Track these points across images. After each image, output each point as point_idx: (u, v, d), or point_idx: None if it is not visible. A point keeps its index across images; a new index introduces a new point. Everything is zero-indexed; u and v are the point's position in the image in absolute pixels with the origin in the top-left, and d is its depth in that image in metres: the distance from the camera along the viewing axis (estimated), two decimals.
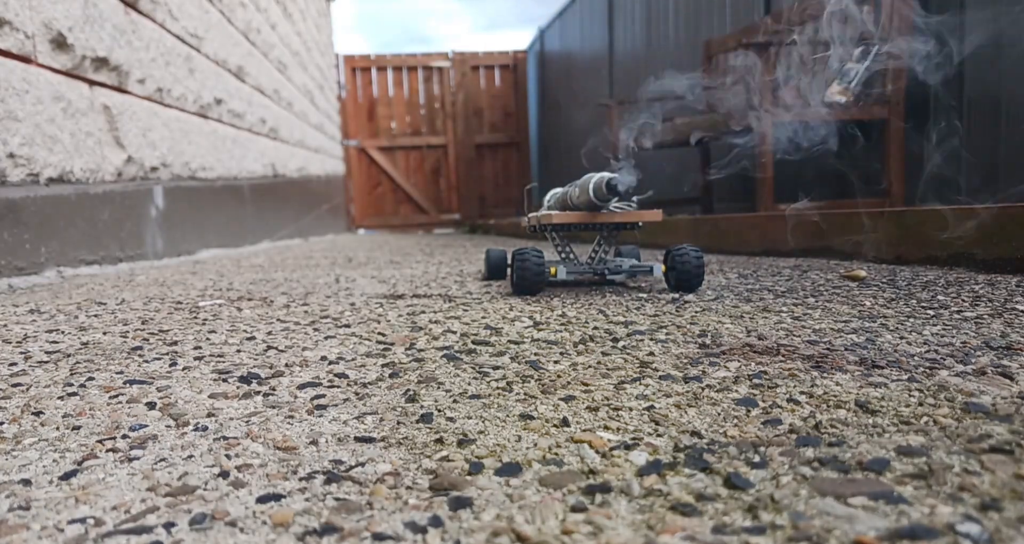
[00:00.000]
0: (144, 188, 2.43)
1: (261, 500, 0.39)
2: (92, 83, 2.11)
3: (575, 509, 0.37)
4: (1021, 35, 2.21)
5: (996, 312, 0.91)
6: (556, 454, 0.45)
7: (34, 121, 1.80)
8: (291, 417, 0.55)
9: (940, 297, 1.07)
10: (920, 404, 0.52)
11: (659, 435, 0.48)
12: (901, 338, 0.77)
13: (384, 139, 8.05)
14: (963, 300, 1.03)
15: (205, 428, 0.53)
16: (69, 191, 1.95)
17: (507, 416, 0.53)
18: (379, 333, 0.92)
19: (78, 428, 0.54)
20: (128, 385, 0.67)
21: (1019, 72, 2.26)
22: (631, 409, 0.54)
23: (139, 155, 2.40)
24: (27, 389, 0.66)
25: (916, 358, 0.67)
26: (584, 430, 0.49)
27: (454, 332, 0.91)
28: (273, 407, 0.58)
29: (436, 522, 0.36)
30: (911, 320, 0.88)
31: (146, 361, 0.78)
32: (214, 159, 3.18)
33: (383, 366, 0.72)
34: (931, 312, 0.94)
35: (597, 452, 0.45)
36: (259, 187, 3.90)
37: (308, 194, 5.38)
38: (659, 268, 1.31)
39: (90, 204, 2.06)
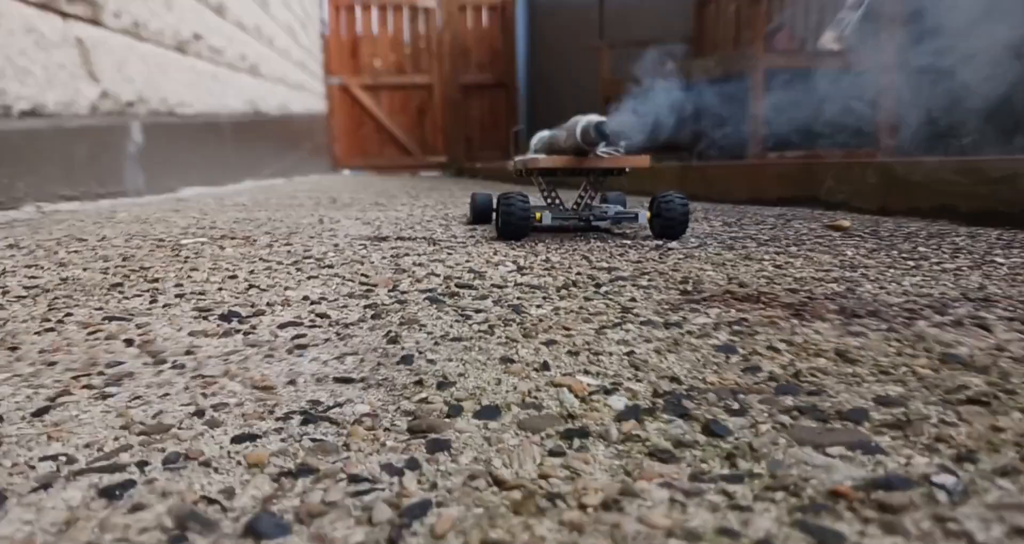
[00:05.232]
0: (121, 123, 2.37)
1: (236, 440, 0.39)
2: (65, 15, 2.04)
3: (553, 453, 0.37)
4: None
5: (975, 264, 0.92)
6: (535, 398, 0.45)
7: (5, 53, 1.74)
8: (270, 356, 0.55)
9: (921, 248, 1.07)
10: (899, 354, 0.53)
11: (638, 380, 0.48)
12: (881, 288, 0.77)
13: (368, 77, 7.87)
14: (943, 252, 1.03)
15: (183, 366, 0.52)
16: (43, 125, 1.90)
17: (488, 359, 0.53)
18: (362, 274, 0.91)
19: (53, 364, 0.53)
20: (107, 321, 0.66)
21: None
22: (611, 354, 0.54)
23: (114, 89, 2.33)
24: (3, 324, 0.65)
25: (895, 308, 0.67)
26: (564, 374, 0.49)
27: (437, 275, 0.90)
28: (253, 346, 0.58)
29: (413, 465, 0.36)
30: (891, 270, 0.88)
31: (126, 298, 0.77)
32: (193, 95, 3.10)
33: (365, 307, 0.72)
34: (911, 263, 0.94)
35: (576, 396, 0.45)
36: (240, 125, 3.82)
37: (290, 133, 5.28)
38: (644, 215, 1.30)
39: (65, 138, 2.01)
